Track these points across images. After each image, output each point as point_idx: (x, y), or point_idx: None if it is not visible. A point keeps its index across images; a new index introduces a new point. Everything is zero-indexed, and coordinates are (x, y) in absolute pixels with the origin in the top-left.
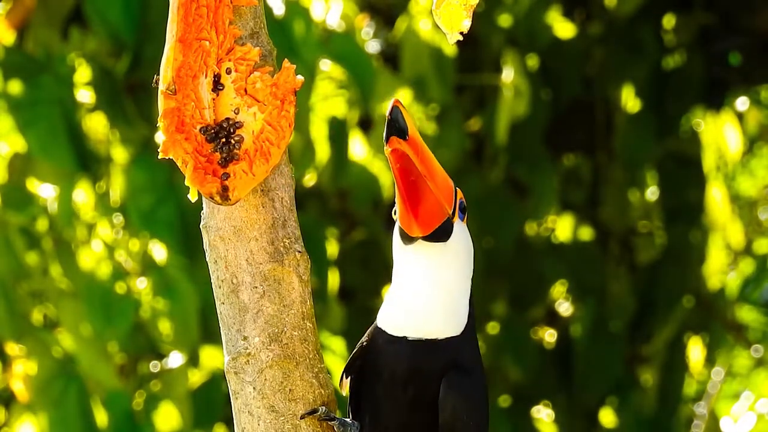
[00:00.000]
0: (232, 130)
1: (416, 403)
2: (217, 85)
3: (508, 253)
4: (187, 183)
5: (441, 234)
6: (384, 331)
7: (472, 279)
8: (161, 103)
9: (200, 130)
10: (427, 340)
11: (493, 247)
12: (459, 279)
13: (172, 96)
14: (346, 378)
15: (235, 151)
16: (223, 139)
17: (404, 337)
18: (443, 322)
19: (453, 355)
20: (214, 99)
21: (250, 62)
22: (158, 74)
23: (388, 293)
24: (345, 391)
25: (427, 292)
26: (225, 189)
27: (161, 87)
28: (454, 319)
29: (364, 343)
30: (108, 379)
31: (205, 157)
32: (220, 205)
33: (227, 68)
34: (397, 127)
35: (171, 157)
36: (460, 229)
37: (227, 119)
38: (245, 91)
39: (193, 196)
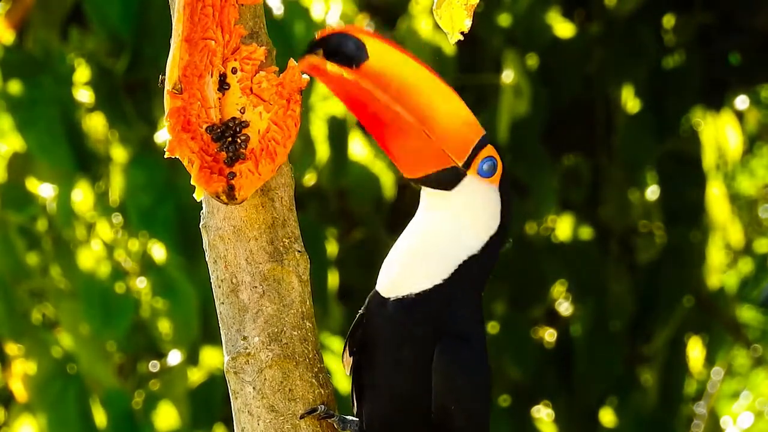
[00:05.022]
0: (238, 130)
1: (410, 369)
2: (222, 85)
3: (508, 253)
4: (192, 182)
5: (439, 182)
6: (377, 293)
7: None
8: (167, 103)
9: (206, 130)
10: (404, 297)
11: None
12: (455, 231)
13: (179, 95)
14: (349, 355)
15: (241, 150)
16: (229, 139)
17: (388, 298)
18: (420, 274)
19: (437, 312)
20: (219, 98)
21: (255, 61)
22: (164, 73)
23: None
24: (348, 370)
25: (410, 241)
26: (231, 188)
27: (167, 86)
28: (431, 269)
29: (362, 311)
30: (107, 379)
31: (211, 157)
32: (227, 204)
33: (233, 68)
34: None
35: (176, 157)
36: (478, 186)
37: (233, 118)
38: (251, 90)
39: (198, 196)
